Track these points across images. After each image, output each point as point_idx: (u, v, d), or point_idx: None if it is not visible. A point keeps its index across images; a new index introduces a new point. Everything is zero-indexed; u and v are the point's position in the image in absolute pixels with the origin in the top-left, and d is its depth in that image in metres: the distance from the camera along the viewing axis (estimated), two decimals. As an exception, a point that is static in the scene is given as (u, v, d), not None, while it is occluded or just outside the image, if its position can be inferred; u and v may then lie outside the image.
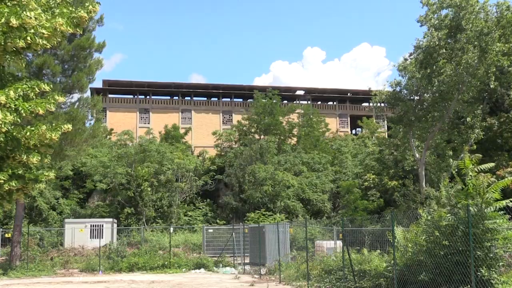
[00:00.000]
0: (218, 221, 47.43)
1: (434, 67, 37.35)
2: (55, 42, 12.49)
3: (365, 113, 77.69)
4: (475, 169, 14.89)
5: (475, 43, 35.66)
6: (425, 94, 39.48)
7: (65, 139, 28.39)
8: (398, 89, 40.46)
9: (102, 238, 36.87)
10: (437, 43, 36.49)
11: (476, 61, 36.04)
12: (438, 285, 14.01)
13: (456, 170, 15.95)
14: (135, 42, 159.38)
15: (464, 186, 14.74)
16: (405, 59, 39.63)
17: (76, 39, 28.93)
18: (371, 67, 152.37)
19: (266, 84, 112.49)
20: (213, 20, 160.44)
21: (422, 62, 37.87)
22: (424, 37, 38.04)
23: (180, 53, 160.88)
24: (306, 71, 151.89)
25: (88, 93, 48.42)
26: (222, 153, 57.40)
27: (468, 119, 39.93)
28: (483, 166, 15.26)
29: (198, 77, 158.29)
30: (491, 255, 13.48)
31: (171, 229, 35.51)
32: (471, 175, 14.59)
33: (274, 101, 59.44)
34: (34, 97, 12.66)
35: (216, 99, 79.01)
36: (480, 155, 28.39)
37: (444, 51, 36.79)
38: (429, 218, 15.12)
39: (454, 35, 36.75)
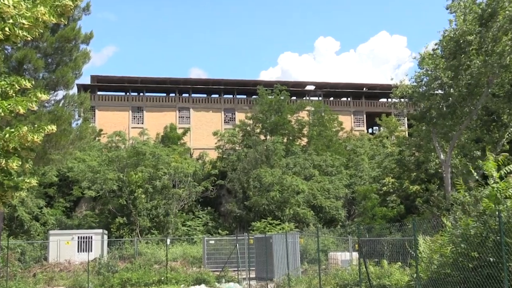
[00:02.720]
0: (220, 231, 47.38)
1: (462, 58, 37.19)
2: (37, 34, 12.47)
3: (383, 109, 77.52)
4: (504, 170, 14.79)
5: (509, 32, 35.50)
6: (451, 88, 39.32)
7: (49, 141, 28.37)
8: (421, 82, 40.34)
9: (91, 251, 36.86)
10: (466, 31, 36.32)
11: (509, 50, 35.88)
12: (467, 302, 13.90)
13: (484, 172, 15.86)
14: (128, 34, 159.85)
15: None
16: (432, 50, 39.44)
17: (60, 29, 28.93)
18: (391, 58, 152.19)
19: (273, 78, 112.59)
20: (215, 9, 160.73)
21: (450, 52, 37.74)
22: (451, 24, 37.95)
23: (179, 46, 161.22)
24: (318, 63, 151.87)
25: (74, 90, 48.38)
26: (224, 156, 57.35)
27: (504, 116, 39.75)
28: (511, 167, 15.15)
29: (198, 71, 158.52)
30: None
31: (168, 240, 35.47)
32: (495, 178, 14.48)
33: (282, 97, 59.37)
34: (13, 94, 12.64)
35: (217, 95, 78.98)
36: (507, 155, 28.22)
37: (474, 40, 36.62)
38: (455, 226, 15.03)
39: (485, 23, 36.63)
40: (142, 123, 72.93)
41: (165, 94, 78.25)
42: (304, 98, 79.22)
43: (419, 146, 45.00)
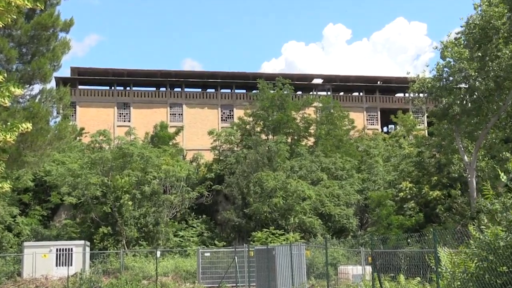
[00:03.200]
0: (216, 242, 47.33)
1: (489, 47, 37.10)
2: (9, 20, 12.40)
3: (400, 105, 77.49)
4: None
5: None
6: (477, 82, 39.24)
7: (23, 141, 28.31)
8: (442, 75, 40.28)
9: (71, 265, 36.82)
10: (494, 16, 36.21)
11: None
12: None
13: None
14: (114, 21, 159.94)
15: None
16: (455, 39, 39.34)
17: (36, 16, 28.89)
18: (409, 48, 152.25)
19: (276, 71, 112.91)
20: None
21: (475, 41, 37.67)
22: (476, 9, 37.88)
23: (170, 34, 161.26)
24: (327, 54, 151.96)
25: (52, 84, 48.46)
26: (221, 158, 57.29)
27: None
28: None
29: (192, 63, 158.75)
30: None
31: (158, 253, 35.43)
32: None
33: (285, 92, 59.27)
34: (-18, 88, 12.58)
35: (213, 90, 78.96)
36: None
37: (503, 26, 36.52)
38: (481, 237, 14.95)
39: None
40: (129, 121, 72.91)
41: (154, 89, 78.23)
42: (311, 93, 79.14)
43: (441, 146, 44.93)
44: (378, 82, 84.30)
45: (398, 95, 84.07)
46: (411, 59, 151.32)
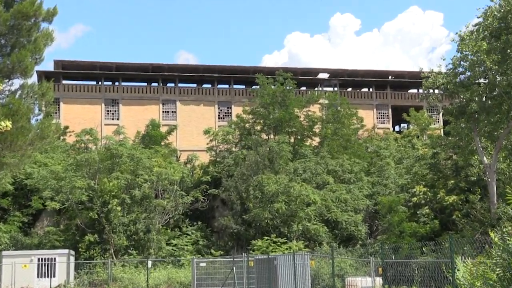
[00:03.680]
0: (213, 251, 47.31)
1: (510, 39, 37.05)
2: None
3: (413, 102, 77.41)
4: None
5: None
6: (497, 76, 39.18)
7: (2, 141, 28.30)
8: (455, 69, 40.24)
9: (54, 276, 36.80)
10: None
11: None
12: None
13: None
14: (101, 10, 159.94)
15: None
16: (471, 32, 39.30)
17: (16, 4, 28.88)
18: (423, 40, 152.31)
19: (279, 64, 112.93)
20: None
21: (494, 34, 37.63)
22: (493, 0, 37.87)
23: (163, 25, 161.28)
24: (334, 46, 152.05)
25: (34, 79, 48.43)
26: (218, 159, 57.25)
27: None
28: None
29: (186, 55, 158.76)
30: None
31: (149, 263, 35.41)
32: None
33: (288, 87, 59.21)
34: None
35: (209, 85, 78.91)
36: None
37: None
38: (503, 246, 14.88)
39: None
40: (118, 119, 72.87)
41: (146, 84, 78.19)
42: (316, 88, 79.10)
43: (458, 147, 44.88)
44: (390, 77, 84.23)
45: (411, 91, 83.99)
46: (425, 52, 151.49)
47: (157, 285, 37.08)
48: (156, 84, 77.34)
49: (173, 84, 77.35)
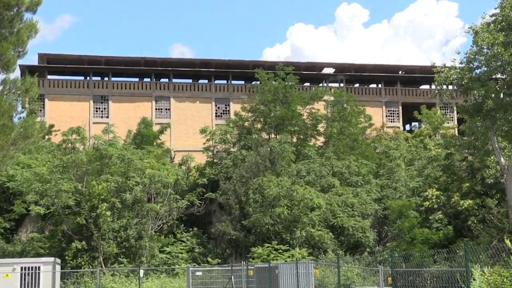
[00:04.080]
0: (209, 259, 47.35)
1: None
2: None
3: (425, 99, 77.46)
4: None
5: None
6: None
7: (-17, 140, 28.27)
8: (473, 63, 40.24)
9: (38, 286, 36.73)
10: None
11: None
12: None
13: None
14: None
15: None
16: (487, 23, 39.32)
17: (-3, -8, 28.84)
18: (436, 32, 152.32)
19: (280, 58, 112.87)
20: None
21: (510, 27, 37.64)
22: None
23: (157, 15, 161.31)
24: (340, 39, 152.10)
25: (17, 73, 48.45)
26: (215, 160, 57.25)
27: None
28: None
29: (181, 49, 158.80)
30: None
31: (141, 272, 35.40)
32: None
33: (290, 83, 59.18)
34: None
35: (206, 81, 78.89)
36: None
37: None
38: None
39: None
40: (107, 117, 72.86)
41: (137, 79, 78.19)
42: (321, 84, 79.08)
43: (473, 147, 44.84)
44: (400, 72, 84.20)
45: (423, 87, 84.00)
46: (439, 45, 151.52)
47: (150, 295, 37.11)
48: (148, 79, 77.31)
49: (167, 80, 77.33)
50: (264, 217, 46.43)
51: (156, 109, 74.98)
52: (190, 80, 79.11)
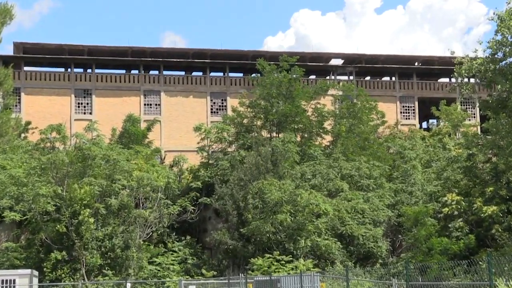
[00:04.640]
0: (204, 271, 47.35)
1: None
2: None
3: (444, 94, 77.54)
4: None
5: None
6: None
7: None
8: (497, 54, 40.24)
9: (14, 301, 36.74)
10: None
11: None
12: None
13: None
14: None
15: None
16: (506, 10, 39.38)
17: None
18: (457, 19, 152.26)
19: (284, 48, 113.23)
20: None
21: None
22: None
23: (147, 1, 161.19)
24: (350, 27, 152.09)
25: (-9, 65, 48.47)
26: (211, 161, 57.26)
27: None
28: None
29: (173, 37, 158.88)
30: None
31: (128, 285, 35.41)
32: None
33: (294, 75, 59.17)
34: None
35: (200, 73, 78.91)
36: None
37: None
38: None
39: None
40: (91, 113, 72.89)
41: (124, 71, 78.21)
42: (328, 77, 79.11)
43: (498, 147, 44.83)
44: (416, 64, 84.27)
45: (441, 80, 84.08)
46: (460, 34, 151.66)
47: (137, 312, 37.14)
48: (136, 71, 77.35)
49: (156, 72, 77.41)
50: (265, 225, 46.42)
51: (145, 104, 75.00)
52: (183, 72, 79.17)
